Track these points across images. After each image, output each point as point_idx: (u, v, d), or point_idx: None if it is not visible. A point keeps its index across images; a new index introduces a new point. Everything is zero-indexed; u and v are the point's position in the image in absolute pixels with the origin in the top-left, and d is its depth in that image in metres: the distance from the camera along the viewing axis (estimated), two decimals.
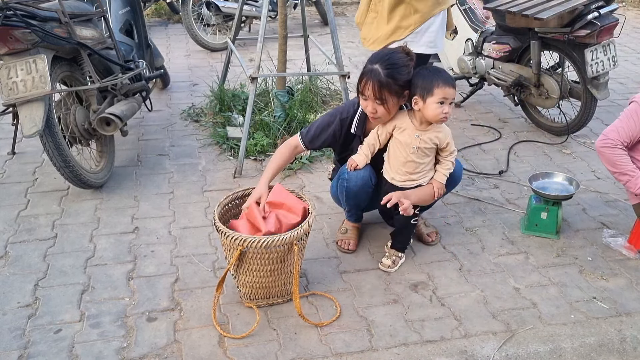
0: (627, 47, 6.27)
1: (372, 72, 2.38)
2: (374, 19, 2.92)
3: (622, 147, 2.61)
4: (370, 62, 2.42)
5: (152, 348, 2.20)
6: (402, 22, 2.86)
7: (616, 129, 2.63)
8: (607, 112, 4.48)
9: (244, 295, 2.40)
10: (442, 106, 2.39)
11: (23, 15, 2.76)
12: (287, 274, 2.36)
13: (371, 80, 2.37)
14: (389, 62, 2.38)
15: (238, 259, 2.27)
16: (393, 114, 2.49)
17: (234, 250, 2.24)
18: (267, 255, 2.27)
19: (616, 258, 2.79)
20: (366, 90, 2.40)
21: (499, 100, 4.72)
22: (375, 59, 2.41)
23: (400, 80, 2.39)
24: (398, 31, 2.88)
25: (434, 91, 2.37)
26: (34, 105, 2.82)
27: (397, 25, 2.86)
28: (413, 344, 2.24)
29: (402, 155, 2.51)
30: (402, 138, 2.49)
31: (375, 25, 2.93)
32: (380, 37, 2.96)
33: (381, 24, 2.92)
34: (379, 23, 2.93)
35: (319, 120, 2.64)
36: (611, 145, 2.61)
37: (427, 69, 2.49)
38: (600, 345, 2.28)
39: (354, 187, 2.60)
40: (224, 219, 2.50)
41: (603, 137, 2.65)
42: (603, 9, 3.58)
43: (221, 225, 2.30)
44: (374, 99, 2.40)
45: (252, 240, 2.21)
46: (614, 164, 2.62)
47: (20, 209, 3.10)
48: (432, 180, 2.59)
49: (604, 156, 2.65)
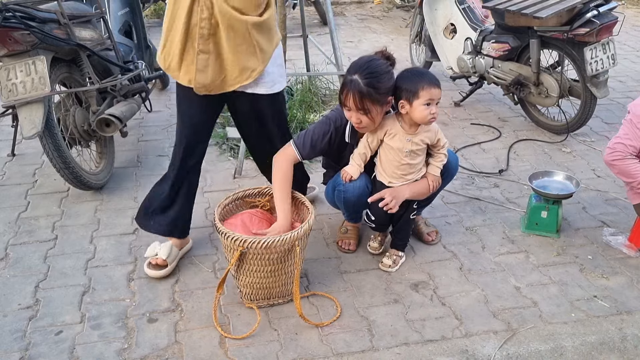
0: (626, 45, 6.27)
1: (352, 83, 2.34)
2: (207, 60, 2.30)
3: (631, 157, 2.59)
4: (349, 73, 2.38)
5: (153, 349, 2.20)
6: (248, 62, 2.35)
7: (621, 140, 2.60)
8: (607, 111, 4.48)
9: (245, 295, 2.40)
10: (429, 107, 2.37)
11: (22, 16, 2.76)
12: (287, 275, 2.36)
13: (352, 92, 2.34)
14: (368, 72, 2.34)
15: (238, 260, 2.27)
16: (378, 122, 2.45)
17: (234, 251, 2.24)
18: (267, 256, 2.27)
19: (617, 256, 2.79)
20: (348, 102, 2.37)
21: (498, 99, 4.72)
22: (354, 69, 2.38)
23: (381, 88, 2.35)
24: (245, 73, 2.36)
25: (419, 93, 2.36)
26: (33, 106, 2.82)
27: (244, 66, 2.34)
28: (414, 344, 2.24)
29: (396, 159, 2.50)
30: (393, 143, 2.48)
31: (213, 68, 2.33)
32: (225, 81, 2.39)
33: (221, 65, 2.34)
34: (216, 64, 2.33)
35: (313, 130, 2.57)
36: (621, 157, 2.59)
37: (410, 71, 2.47)
38: (601, 344, 2.28)
39: (352, 198, 2.59)
40: (224, 219, 2.50)
41: (611, 151, 2.62)
42: (602, 7, 3.57)
43: (221, 226, 2.30)
44: (357, 110, 2.36)
45: (253, 241, 2.21)
46: (628, 173, 2.61)
47: (20, 210, 3.10)
48: (426, 174, 2.59)
49: (616, 168, 2.63)
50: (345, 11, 7.81)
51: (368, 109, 2.36)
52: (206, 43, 2.29)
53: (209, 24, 2.26)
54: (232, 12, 2.25)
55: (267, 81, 2.47)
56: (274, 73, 2.49)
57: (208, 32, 2.27)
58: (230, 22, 2.26)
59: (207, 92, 2.39)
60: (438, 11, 4.65)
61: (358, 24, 7.16)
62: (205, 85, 2.36)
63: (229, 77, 2.38)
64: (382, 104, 2.39)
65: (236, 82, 2.38)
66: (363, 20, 7.37)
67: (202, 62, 2.32)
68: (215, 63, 2.33)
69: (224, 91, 2.41)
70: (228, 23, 2.26)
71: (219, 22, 2.26)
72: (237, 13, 2.26)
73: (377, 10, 7.82)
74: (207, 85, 2.36)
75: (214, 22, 2.26)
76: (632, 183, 2.63)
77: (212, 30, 2.28)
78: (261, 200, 2.63)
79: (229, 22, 2.26)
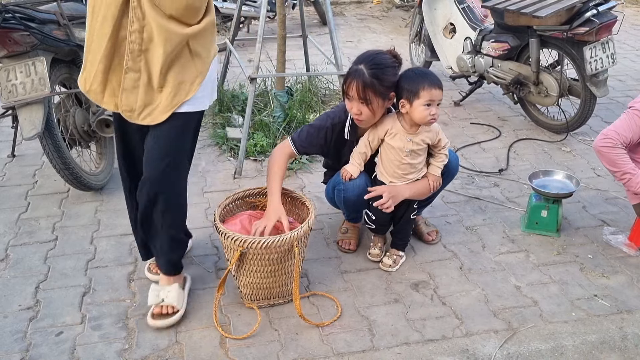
0: (625, 44, 6.27)
1: (357, 72, 2.36)
2: (137, 80, 1.99)
3: (621, 147, 2.59)
4: (355, 63, 2.40)
5: (153, 349, 2.20)
6: (185, 76, 2.04)
7: (615, 128, 2.61)
8: (607, 110, 4.48)
9: (245, 296, 2.40)
10: (429, 108, 2.38)
11: (22, 17, 2.76)
12: (287, 275, 2.37)
13: (355, 80, 2.35)
14: (373, 63, 2.36)
15: (238, 260, 2.27)
16: (378, 116, 2.46)
17: (234, 251, 2.24)
18: (267, 256, 2.27)
19: (617, 255, 2.79)
20: (350, 91, 2.38)
21: (498, 99, 4.72)
22: (360, 59, 2.40)
23: (385, 81, 2.36)
24: (183, 87, 2.05)
25: (420, 94, 2.36)
26: (33, 107, 2.82)
27: (180, 80, 2.03)
28: (414, 343, 2.24)
29: (396, 159, 2.50)
30: (394, 143, 2.48)
31: (144, 89, 2.01)
32: (160, 104, 2.05)
33: (153, 86, 2.02)
34: (148, 86, 2.01)
35: (310, 125, 2.60)
36: (611, 145, 2.59)
37: (413, 70, 2.47)
38: (601, 343, 2.28)
39: (352, 197, 2.59)
40: (225, 220, 2.51)
41: (602, 137, 2.63)
42: (601, 6, 3.58)
43: (222, 226, 2.30)
44: (358, 99, 2.37)
45: (252, 241, 2.21)
46: (614, 163, 2.61)
47: (20, 211, 3.10)
48: (427, 174, 2.59)
49: (604, 155, 2.64)
50: (345, 11, 7.81)
51: (370, 100, 2.36)
52: (136, 60, 1.97)
53: (141, 37, 1.95)
54: (168, 24, 1.95)
55: (199, 97, 2.14)
56: (207, 87, 2.20)
57: (139, 47, 1.96)
58: (167, 35, 1.95)
59: (135, 119, 2.07)
60: (437, 11, 4.65)
61: (357, 23, 7.16)
62: (135, 109, 2.04)
63: (163, 102, 2.04)
64: (384, 97, 2.40)
65: (174, 103, 2.05)
66: (362, 20, 7.37)
67: (131, 82, 2.00)
68: (147, 85, 2.01)
69: (158, 121, 2.06)
70: (165, 36, 1.95)
71: (153, 35, 1.94)
72: (174, 24, 1.96)
73: (376, 10, 7.82)
74: (135, 109, 2.04)
75: (146, 35, 1.95)
76: (617, 173, 2.63)
77: (144, 46, 1.96)
78: (262, 200, 2.63)
79: (166, 35, 1.95)
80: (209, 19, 2.09)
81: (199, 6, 2.02)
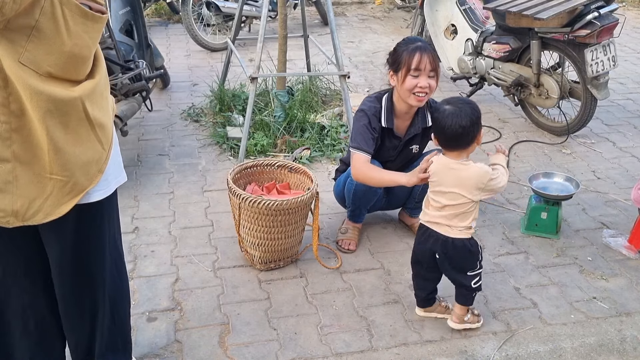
0: (627, 47, 6.27)
1: (422, 47, 2.43)
2: (10, 172, 1.40)
3: None
4: (406, 43, 2.46)
5: (152, 348, 2.20)
6: (88, 154, 1.51)
7: None
8: (607, 112, 4.48)
9: (257, 260, 2.60)
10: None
11: None
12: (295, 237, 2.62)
13: (426, 53, 2.41)
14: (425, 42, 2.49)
15: (250, 222, 2.50)
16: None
17: (249, 212, 2.46)
18: (279, 217, 2.49)
19: (616, 258, 2.79)
20: (422, 64, 2.40)
21: (499, 100, 4.72)
22: (409, 40, 2.48)
23: None
24: (89, 171, 1.52)
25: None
26: None
27: (86, 160, 1.51)
28: (413, 344, 2.24)
29: None
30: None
31: (24, 183, 1.44)
32: (46, 205, 1.47)
33: (38, 174, 1.45)
34: (31, 175, 1.44)
35: (356, 129, 2.55)
36: None
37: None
38: (600, 345, 2.28)
39: (362, 187, 2.62)
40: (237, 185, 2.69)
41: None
42: (603, 8, 3.57)
43: (236, 188, 2.51)
44: (431, 71, 2.42)
45: (268, 201, 2.42)
46: None
47: None
48: None
49: None
50: (346, 11, 7.81)
51: (437, 73, 2.45)
52: (5, 145, 1.37)
53: (8, 112, 1.35)
54: (49, 88, 1.37)
55: (104, 179, 1.59)
56: (114, 163, 1.63)
57: (8, 127, 1.36)
58: (49, 105, 1.38)
59: (22, 222, 1.47)
60: (439, 12, 4.65)
61: (359, 24, 7.16)
62: (15, 211, 1.45)
63: (55, 193, 1.47)
64: None
65: (79, 189, 1.50)
66: (364, 20, 7.37)
67: (3, 177, 1.40)
68: (27, 173, 1.43)
69: (56, 216, 1.50)
70: (46, 107, 1.38)
71: (25, 107, 1.36)
72: (56, 86, 1.39)
73: (378, 11, 7.82)
74: (17, 211, 1.45)
75: (15, 108, 1.35)
76: None
77: (14, 124, 1.37)
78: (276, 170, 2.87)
79: (48, 106, 1.38)
80: (101, 69, 1.53)
81: (87, 55, 1.45)
